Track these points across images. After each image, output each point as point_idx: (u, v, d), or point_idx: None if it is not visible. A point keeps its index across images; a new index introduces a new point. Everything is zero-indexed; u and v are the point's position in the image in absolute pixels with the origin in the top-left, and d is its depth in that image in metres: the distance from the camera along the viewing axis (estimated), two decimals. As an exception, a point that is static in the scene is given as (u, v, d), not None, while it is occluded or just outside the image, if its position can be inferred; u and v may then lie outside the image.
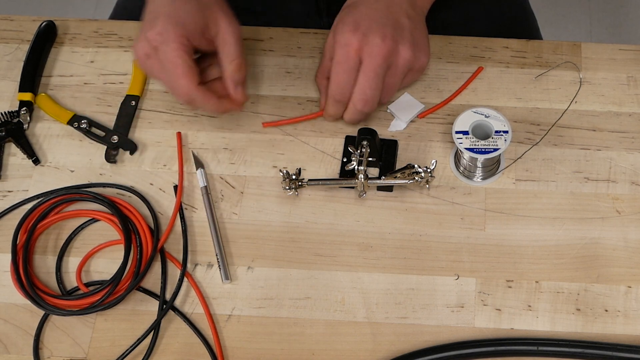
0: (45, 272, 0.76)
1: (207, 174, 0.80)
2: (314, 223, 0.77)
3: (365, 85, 0.75)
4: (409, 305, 0.73)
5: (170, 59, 0.71)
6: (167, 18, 0.70)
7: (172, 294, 0.74)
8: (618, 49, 0.86)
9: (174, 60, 0.70)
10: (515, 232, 0.76)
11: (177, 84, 0.71)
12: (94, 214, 0.78)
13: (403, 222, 0.76)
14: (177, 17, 0.70)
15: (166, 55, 0.71)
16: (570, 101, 0.82)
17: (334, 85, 0.76)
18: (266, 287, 0.74)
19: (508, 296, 0.73)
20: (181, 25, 0.71)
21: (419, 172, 0.75)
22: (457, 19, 0.96)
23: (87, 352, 0.72)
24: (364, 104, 0.76)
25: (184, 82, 0.71)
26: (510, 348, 0.69)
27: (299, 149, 0.81)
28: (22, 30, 0.90)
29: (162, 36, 0.70)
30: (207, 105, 0.74)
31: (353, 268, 0.74)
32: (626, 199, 0.77)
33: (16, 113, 0.83)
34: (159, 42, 0.70)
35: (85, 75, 0.87)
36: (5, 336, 0.73)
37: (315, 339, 0.72)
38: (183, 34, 0.71)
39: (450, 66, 0.85)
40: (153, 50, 0.71)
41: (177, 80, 0.71)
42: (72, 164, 0.81)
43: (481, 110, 0.75)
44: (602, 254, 0.74)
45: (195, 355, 0.71)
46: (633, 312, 0.72)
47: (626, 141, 0.80)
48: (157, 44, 0.71)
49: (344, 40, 0.73)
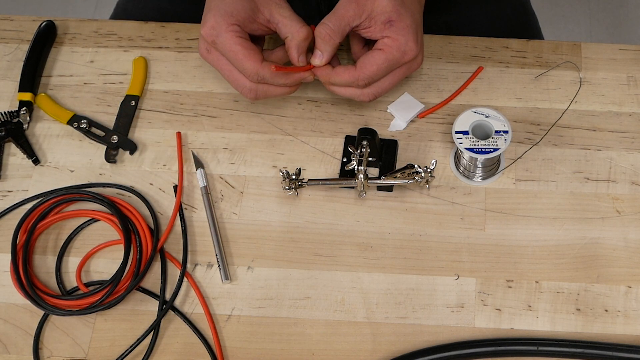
0: (45, 272, 0.76)
1: (207, 174, 0.80)
2: (314, 223, 0.77)
3: (388, 86, 0.76)
4: (409, 305, 0.73)
5: (228, 48, 0.72)
6: (216, 11, 0.72)
7: (172, 294, 0.74)
8: (618, 49, 0.86)
9: (232, 48, 0.72)
10: (515, 232, 0.76)
11: (242, 68, 0.73)
12: (94, 214, 0.78)
13: (403, 222, 0.76)
14: (225, 8, 0.72)
15: (224, 46, 0.72)
16: (570, 101, 0.82)
17: (369, 72, 0.74)
18: (266, 287, 0.74)
19: (508, 296, 0.73)
20: (230, 14, 0.72)
21: (419, 172, 0.75)
22: (459, 21, 0.96)
23: (87, 352, 0.72)
24: (373, 97, 0.76)
25: (248, 64, 0.72)
26: (510, 348, 0.69)
27: (299, 149, 0.81)
28: (22, 30, 0.90)
29: (215, 30, 0.72)
30: (277, 79, 0.74)
31: (353, 268, 0.74)
32: (626, 199, 0.77)
33: (16, 113, 0.83)
34: (214, 36, 0.72)
35: (85, 75, 0.87)
36: (5, 336, 0.73)
37: (315, 339, 0.71)
38: (234, 22, 0.72)
39: (450, 66, 0.85)
40: (211, 45, 0.74)
41: (241, 65, 0.73)
42: (72, 164, 0.81)
43: (481, 110, 0.75)
44: (602, 254, 0.74)
45: (195, 355, 0.71)
46: (633, 312, 0.71)
47: (626, 141, 0.80)
48: (213, 38, 0.73)
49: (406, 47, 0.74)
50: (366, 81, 0.74)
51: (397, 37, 0.73)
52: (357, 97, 0.76)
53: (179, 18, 0.89)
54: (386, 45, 0.74)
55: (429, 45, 0.86)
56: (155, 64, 0.87)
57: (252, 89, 0.75)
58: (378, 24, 0.74)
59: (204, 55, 0.76)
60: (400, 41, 0.73)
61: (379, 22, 0.73)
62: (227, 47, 0.72)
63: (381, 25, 0.73)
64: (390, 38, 0.74)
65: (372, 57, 0.74)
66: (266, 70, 0.73)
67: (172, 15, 0.91)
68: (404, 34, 0.73)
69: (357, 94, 0.76)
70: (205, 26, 0.73)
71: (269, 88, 0.75)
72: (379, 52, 0.74)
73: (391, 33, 0.73)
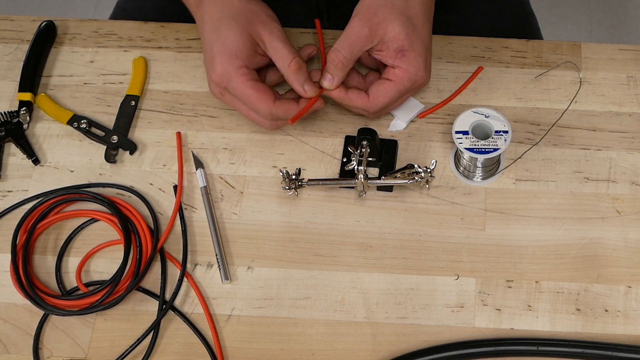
0: (45, 272, 0.76)
1: (207, 174, 0.80)
2: (314, 223, 0.77)
3: (396, 106, 0.80)
4: (409, 305, 0.73)
5: (240, 93, 0.74)
6: (222, 56, 0.74)
7: (171, 294, 0.74)
8: (618, 49, 0.86)
9: (244, 92, 0.74)
10: (515, 232, 0.75)
11: (256, 109, 0.75)
12: (94, 214, 0.78)
13: (403, 222, 0.76)
14: (229, 50, 0.74)
15: (236, 91, 0.74)
16: (570, 101, 0.82)
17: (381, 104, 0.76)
18: (266, 287, 0.74)
19: (508, 296, 0.73)
20: (235, 56, 0.74)
21: (419, 172, 0.75)
22: (458, 21, 0.96)
23: (87, 352, 0.72)
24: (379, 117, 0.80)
25: (261, 106, 0.75)
26: (510, 348, 0.69)
27: (299, 149, 0.81)
28: (22, 30, 0.90)
29: (224, 77, 0.74)
30: (290, 114, 0.76)
31: (353, 268, 0.74)
32: (626, 199, 0.77)
33: (16, 113, 0.83)
34: (225, 83, 0.74)
35: (85, 75, 0.87)
36: (5, 336, 0.73)
37: (315, 339, 0.71)
38: (241, 65, 0.74)
39: (450, 66, 0.85)
40: (224, 89, 0.76)
41: (255, 106, 0.75)
42: (71, 164, 0.81)
43: (481, 110, 0.75)
44: (602, 254, 0.74)
45: (195, 355, 0.71)
46: (633, 312, 0.71)
47: (626, 141, 0.80)
48: (224, 84, 0.75)
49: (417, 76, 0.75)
50: (377, 110, 0.77)
51: (408, 68, 0.75)
52: (365, 114, 0.79)
53: (179, 18, 0.89)
54: (397, 77, 0.75)
55: (429, 45, 0.86)
56: (155, 64, 0.87)
57: (272, 125, 0.77)
58: (390, 50, 0.75)
59: (219, 97, 0.78)
60: (411, 72, 0.75)
61: (391, 49, 0.74)
62: (239, 91, 0.74)
63: (393, 52, 0.75)
64: (401, 69, 0.75)
65: (384, 89, 0.76)
66: (279, 109, 0.75)
67: (172, 15, 0.91)
68: (415, 63, 0.75)
69: (365, 113, 0.79)
70: (215, 73, 0.74)
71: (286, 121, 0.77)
72: (391, 84, 0.75)
73: (402, 64, 0.75)
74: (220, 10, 0.76)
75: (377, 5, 0.74)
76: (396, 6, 0.74)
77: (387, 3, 0.74)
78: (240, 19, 0.75)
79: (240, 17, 0.75)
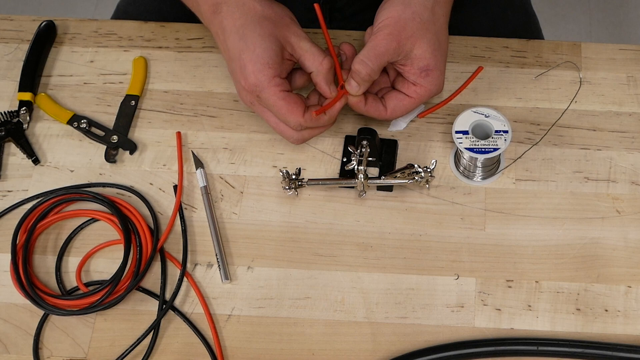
0: (45, 272, 0.76)
1: (207, 174, 0.80)
2: (314, 223, 0.77)
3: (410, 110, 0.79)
4: (409, 305, 0.73)
5: (272, 103, 0.74)
6: (253, 65, 0.72)
7: (171, 293, 0.74)
8: (618, 49, 0.85)
9: (275, 103, 0.74)
10: (515, 232, 0.75)
11: (286, 121, 0.75)
12: (94, 213, 0.78)
13: (403, 222, 0.76)
14: (260, 59, 0.73)
15: (268, 101, 0.74)
16: (570, 101, 0.82)
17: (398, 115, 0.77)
18: (266, 287, 0.74)
19: (508, 296, 0.73)
20: (267, 65, 0.73)
21: (419, 172, 0.75)
22: (460, 22, 0.96)
23: (87, 352, 0.72)
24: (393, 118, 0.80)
25: (291, 118, 0.74)
26: (510, 348, 0.69)
27: (299, 148, 0.81)
28: (22, 30, 0.90)
29: (257, 86, 0.73)
30: (319, 123, 0.76)
31: (353, 268, 0.74)
32: (626, 199, 0.77)
33: (16, 113, 0.83)
34: (257, 92, 0.73)
35: (85, 75, 0.87)
36: (5, 336, 0.73)
37: (315, 339, 0.71)
38: (273, 74, 0.73)
39: (450, 66, 0.85)
40: (255, 99, 0.75)
41: (285, 117, 0.74)
42: (71, 164, 0.81)
43: (481, 110, 0.75)
44: (602, 254, 0.74)
45: (195, 355, 0.71)
46: (633, 312, 0.71)
47: (626, 141, 0.80)
48: (257, 93, 0.74)
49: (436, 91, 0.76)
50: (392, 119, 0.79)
51: (430, 88, 0.75)
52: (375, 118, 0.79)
53: (180, 21, 0.89)
54: (418, 95, 0.76)
55: (429, 45, 0.86)
56: (155, 63, 0.87)
57: (299, 138, 0.77)
58: (414, 68, 0.75)
59: (249, 106, 0.77)
60: (432, 91, 0.76)
61: (416, 66, 0.74)
62: (271, 102, 0.74)
63: (417, 70, 0.75)
64: (423, 88, 0.75)
65: (403, 105, 0.76)
66: (308, 120, 0.75)
67: (174, 19, 0.91)
68: (437, 82, 0.75)
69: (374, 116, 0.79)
70: (247, 81, 0.73)
71: (313, 131, 0.77)
72: (411, 101, 0.76)
73: (426, 83, 0.75)
74: (243, 16, 0.74)
75: (405, 19, 0.73)
76: (424, 21, 0.73)
77: (415, 17, 0.73)
78: (266, 23, 0.73)
79: (266, 22, 0.74)
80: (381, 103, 0.77)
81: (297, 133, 0.76)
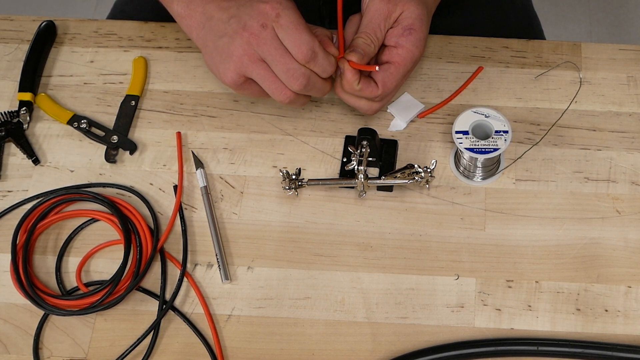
0: (45, 272, 0.76)
1: (207, 174, 0.80)
2: (314, 223, 0.77)
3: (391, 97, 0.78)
4: (409, 305, 0.73)
5: (293, 19, 0.71)
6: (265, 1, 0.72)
7: (171, 294, 0.74)
8: (618, 49, 0.86)
9: (297, 20, 0.71)
10: (515, 232, 0.76)
11: (301, 40, 0.71)
12: (94, 214, 0.78)
13: (403, 222, 0.76)
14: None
15: (289, 17, 0.71)
16: (570, 101, 0.82)
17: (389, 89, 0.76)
18: (266, 287, 0.74)
19: (508, 296, 0.73)
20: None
21: (419, 172, 0.75)
22: (462, 24, 0.96)
23: (87, 352, 0.72)
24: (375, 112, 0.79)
25: (307, 37, 0.71)
26: (510, 348, 0.69)
27: (299, 148, 0.81)
28: (22, 30, 0.90)
29: (281, 4, 0.71)
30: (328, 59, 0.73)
31: (353, 268, 0.74)
32: (626, 199, 0.77)
33: (16, 113, 0.83)
34: (279, 9, 0.71)
35: (85, 75, 0.87)
36: (5, 336, 0.73)
37: (315, 339, 0.71)
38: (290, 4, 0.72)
39: (450, 66, 0.85)
40: (271, 21, 0.71)
41: (300, 36, 0.71)
42: (72, 164, 0.81)
43: (481, 110, 0.75)
44: (602, 254, 0.74)
45: (195, 355, 0.71)
46: (633, 312, 0.71)
47: (626, 141, 0.80)
48: (278, 10, 0.71)
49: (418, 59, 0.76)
50: (385, 96, 0.76)
51: (412, 49, 0.74)
52: (364, 110, 0.78)
53: None
54: (401, 57, 0.74)
55: (428, 45, 0.86)
56: (155, 64, 0.87)
57: (305, 73, 0.72)
58: (398, 28, 0.74)
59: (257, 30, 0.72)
60: (415, 54, 0.75)
61: (400, 26, 0.74)
62: (293, 18, 0.71)
63: (400, 30, 0.74)
64: (404, 49, 0.74)
65: (390, 74, 0.75)
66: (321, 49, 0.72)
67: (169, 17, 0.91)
68: (419, 45, 0.75)
69: (365, 107, 0.77)
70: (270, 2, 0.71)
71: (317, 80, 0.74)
72: (396, 67, 0.75)
73: (407, 43, 0.74)
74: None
75: None
76: None
77: None
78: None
79: None
80: (372, 81, 0.76)
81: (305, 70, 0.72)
